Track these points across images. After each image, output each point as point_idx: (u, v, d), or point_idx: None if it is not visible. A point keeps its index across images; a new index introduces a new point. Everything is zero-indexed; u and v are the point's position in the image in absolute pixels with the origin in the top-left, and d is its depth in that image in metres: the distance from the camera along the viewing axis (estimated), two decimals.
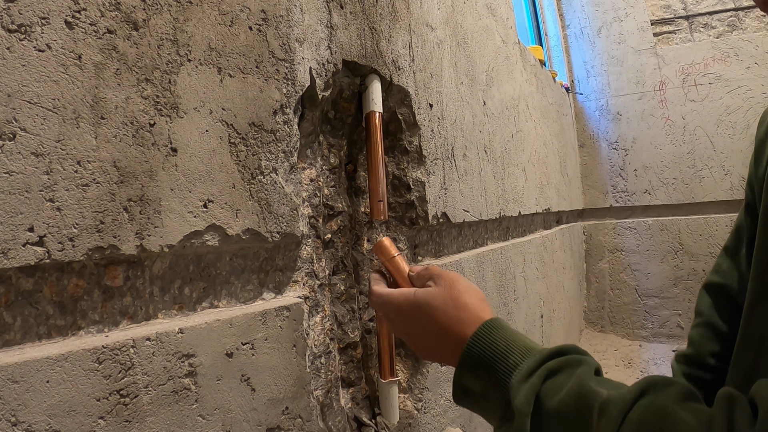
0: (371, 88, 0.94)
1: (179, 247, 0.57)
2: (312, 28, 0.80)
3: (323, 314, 0.85)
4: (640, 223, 3.20)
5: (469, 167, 1.37)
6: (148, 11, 0.55)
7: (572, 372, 0.43)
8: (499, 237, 1.71)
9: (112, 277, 0.53)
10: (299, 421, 0.70)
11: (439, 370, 1.08)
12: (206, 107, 0.61)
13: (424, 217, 1.08)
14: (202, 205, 0.60)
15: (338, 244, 0.92)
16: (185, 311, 0.60)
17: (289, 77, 0.74)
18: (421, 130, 1.10)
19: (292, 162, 0.75)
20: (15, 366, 0.42)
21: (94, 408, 0.47)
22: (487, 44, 1.62)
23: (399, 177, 1.08)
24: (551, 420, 0.40)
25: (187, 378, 0.56)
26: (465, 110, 1.38)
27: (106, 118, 0.50)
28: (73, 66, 0.48)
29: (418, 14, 1.15)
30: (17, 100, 0.44)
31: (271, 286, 0.73)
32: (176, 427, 0.54)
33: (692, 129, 3.08)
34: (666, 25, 3.28)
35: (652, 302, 3.15)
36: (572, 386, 0.41)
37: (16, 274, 0.45)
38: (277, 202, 0.71)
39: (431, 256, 1.18)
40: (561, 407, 0.40)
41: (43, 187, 0.45)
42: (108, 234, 0.50)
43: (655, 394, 0.38)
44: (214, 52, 0.63)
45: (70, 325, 0.49)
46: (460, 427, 1.16)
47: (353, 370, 0.94)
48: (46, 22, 0.46)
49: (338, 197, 0.93)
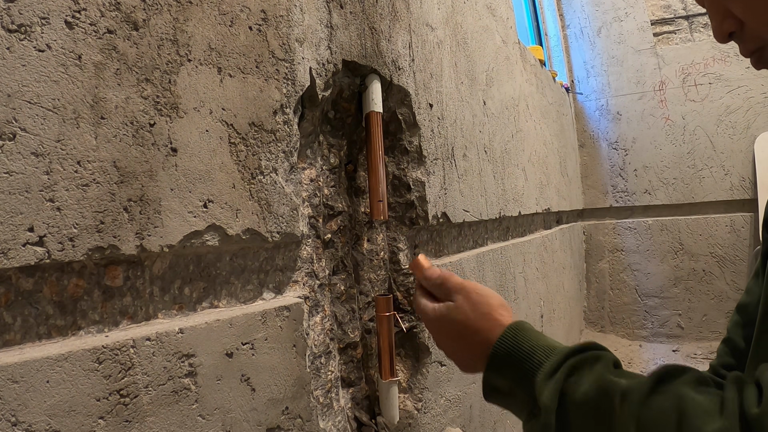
0: (371, 88, 0.94)
1: (179, 247, 0.57)
2: (312, 28, 0.80)
3: (323, 314, 0.85)
4: (640, 223, 3.20)
5: (469, 167, 1.37)
6: (148, 11, 0.55)
7: (593, 366, 0.45)
8: (499, 237, 1.71)
9: (112, 277, 0.53)
10: (299, 421, 0.70)
11: (439, 371, 1.08)
12: (206, 107, 0.61)
13: (424, 217, 1.08)
14: (202, 205, 0.60)
15: (338, 244, 0.92)
16: (185, 311, 0.60)
17: (289, 77, 0.74)
18: (421, 130, 1.10)
19: (292, 162, 0.74)
20: (15, 366, 0.42)
21: (94, 408, 0.47)
22: (487, 44, 1.62)
23: (399, 177, 1.08)
24: (576, 413, 0.43)
25: (187, 378, 0.56)
26: (465, 110, 1.38)
27: (106, 118, 0.50)
28: (73, 66, 0.48)
29: (418, 14, 1.15)
30: (17, 100, 0.44)
31: (271, 286, 0.73)
32: (176, 427, 0.54)
33: (692, 129, 3.08)
34: (666, 25, 3.28)
35: (652, 302, 3.15)
36: (594, 379, 0.44)
37: (16, 274, 0.45)
38: (277, 202, 0.71)
39: (431, 255, 1.18)
40: (584, 400, 0.43)
41: (43, 187, 0.45)
42: (108, 234, 0.50)
43: (670, 381, 0.41)
44: (214, 52, 0.63)
45: (70, 325, 0.49)
46: (460, 427, 1.16)
47: (353, 370, 0.94)
48: (46, 22, 0.46)
49: (338, 197, 0.93)
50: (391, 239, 1.06)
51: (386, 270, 1.04)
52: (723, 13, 0.55)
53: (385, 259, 1.04)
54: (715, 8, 0.55)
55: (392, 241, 1.06)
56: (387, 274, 1.04)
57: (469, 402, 1.23)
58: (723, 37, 0.55)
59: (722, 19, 0.55)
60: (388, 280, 1.04)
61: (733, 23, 0.54)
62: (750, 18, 0.52)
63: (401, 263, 1.05)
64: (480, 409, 1.30)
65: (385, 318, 0.92)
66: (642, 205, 3.22)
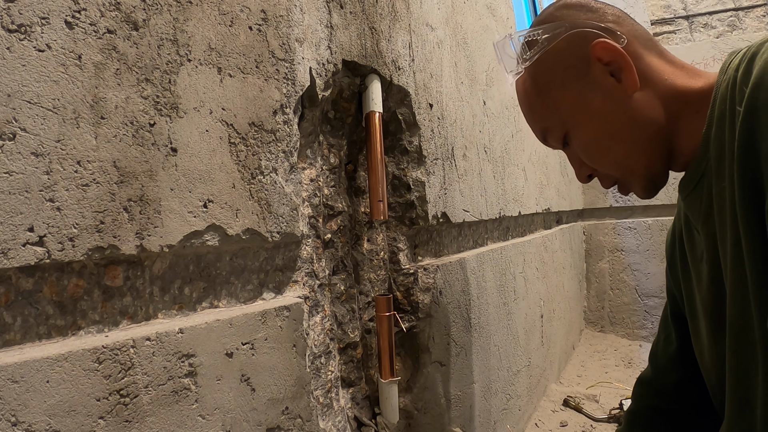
0: (371, 88, 0.94)
1: (179, 247, 0.57)
2: (312, 28, 0.80)
3: (323, 314, 0.85)
4: (640, 223, 3.19)
5: (469, 167, 1.37)
6: (148, 11, 0.55)
7: None
8: (499, 237, 1.71)
9: (112, 277, 0.53)
10: (299, 421, 0.70)
11: (439, 371, 1.08)
12: (206, 107, 0.61)
13: (424, 217, 1.08)
14: (202, 205, 0.60)
15: (338, 244, 0.92)
16: (185, 311, 0.60)
17: (289, 77, 0.74)
18: (421, 130, 1.10)
19: (292, 162, 0.75)
20: (15, 366, 0.42)
21: (94, 408, 0.47)
22: (487, 44, 1.62)
23: (399, 177, 1.08)
24: None
25: (187, 378, 0.56)
26: (465, 110, 1.38)
27: (106, 118, 0.50)
28: (73, 66, 0.48)
29: (418, 14, 1.15)
30: (17, 100, 0.44)
31: (271, 286, 0.73)
32: (176, 427, 0.54)
33: None
34: (666, 25, 3.28)
35: (652, 302, 3.15)
36: None
37: (16, 274, 0.45)
38: (277, 202, 0.71)
39: (431, 256, 1.18)
40: None
41: (43, 187, 0.45)
42: (108, 234, 0.50)
43: None
44: (214, 52, 0.63)
45: (70, 325, 0.49)
46: (460, 428, 1.16)
47: (353, 370, 0.94)
48: (46, 22, 0.46)
49: (338, 197, 0.93)
50: (391, 239, 1.06)
51: (386, 270, 1.04)
52: (579, 161, 0.70)
53: (385, 259, 1.04)
54: (573, 158, 0.70)
55: (392, 241, 1.06)
56: (387, 274, 1.04)
57: (469, 402, 1.23)
58: (584, 179, 0.71)
59: (579, 166, 0.70)
60: (388, 280, 1.04)
61: (588, 168, 0.69)
62: (597, 164, 0.67)
63: (401, 263, 1.05)
64: (480, 410, 1.30)
65: (385, 318, 0.92)
66: (642, 204, 3.21)
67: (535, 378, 1.86)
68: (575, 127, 0.65)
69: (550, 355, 2.11)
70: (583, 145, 0.66)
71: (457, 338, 1.18)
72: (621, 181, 0.68)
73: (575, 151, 0.68)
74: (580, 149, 0.67)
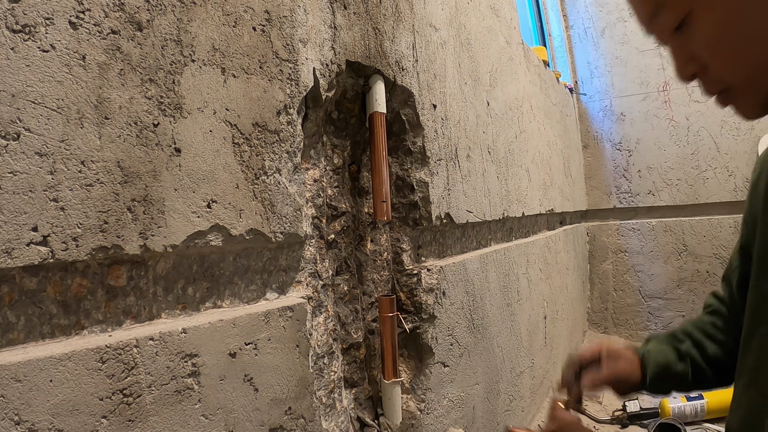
0: (375, 89, 0.94)
1: (183, 247, 0.57)
2: (316, 29, 0.80)
3: (326, 314, 0.85)
4: (643, 224, 3.18)
5: (472, 168, 1.37)
6: (152, 12, 0.55)
7: None
8: (503, 238, 1.70)
9: (115, 276, 0.53)
10: (302, 422, 0.70)
11: (442, 371, 1.08)
12: (210, 107, 0.61)
13: (427, 218, 1.08)
14: (205, 205, 0.60)
15: (342, 245, 0.92)
16: (188, 311, 0.60)
17: (292, 78, 0.74)
18: (425, 131, 1.10)
19: (295, 162, 0.74)
20: (18, 365, 0.42)
21: (97, 407, 0.47)
22: (490, 45, 1.62)
23: (402, 177, 1.08)
24: None
25: (190, 378, 0.56)
26: (469, 111, 1.38)
27: (110, 119, 0.51)
28: (77, 66, 0.48)
29: (422, 15, 1.15)
30: (21, 100, 0.44)
31: (275, 286, 0.73)
32: (179, 427, 0.54)
33: (696, 130, 3.06)
34: None
35: (655, 304, 3.14)
36: None
37: (20, 273, 0.46)
38: (280, 203, 0.71)
39: (434, 256, 1.18)
40: None
41: (47, 187, 0.45)
42: (112, 234, 0.50)
43: None
44: (217, 52, 0.63)
45: (73, 324, 0.50)
46: (462, 429, 1.16)
47: (356, 370, 0.94)
48: (51, 23, 0.46)
49: (342, 198, 0.93)
50: (395, 240, 1.06)
51: (389, 270, 1.03)
52: (687, 55, 0.55)
53: (389, 259, 1.04)
54: (679, 50, 0.55)
55: (395, 241, 1.05)
56: (390, 275, 1.04)
57: (472, 403, 1.23)
58: (687, 77, 0.56)
59: (686, 61, 0.55)
60: (392, 281, 1.04)
61: (696, 66, 0.54)
62: (716, 62, 0.53)
63: (404, 264, 1.05)
64: (483, 411, 1.29)
65: (388, 318, 0.92)
66: (646, 206, 3.20)
67: (539, 379, 1.85)
68: (706, 9, 0.51)
69: (554, 356, 2.10)
70: (708, 34, 0.52)
71: (461, 339, 1.18)
72: (733, 90, 0.54)
73: (689, 40, 0.54)
74: (701, 37, 0.52)
